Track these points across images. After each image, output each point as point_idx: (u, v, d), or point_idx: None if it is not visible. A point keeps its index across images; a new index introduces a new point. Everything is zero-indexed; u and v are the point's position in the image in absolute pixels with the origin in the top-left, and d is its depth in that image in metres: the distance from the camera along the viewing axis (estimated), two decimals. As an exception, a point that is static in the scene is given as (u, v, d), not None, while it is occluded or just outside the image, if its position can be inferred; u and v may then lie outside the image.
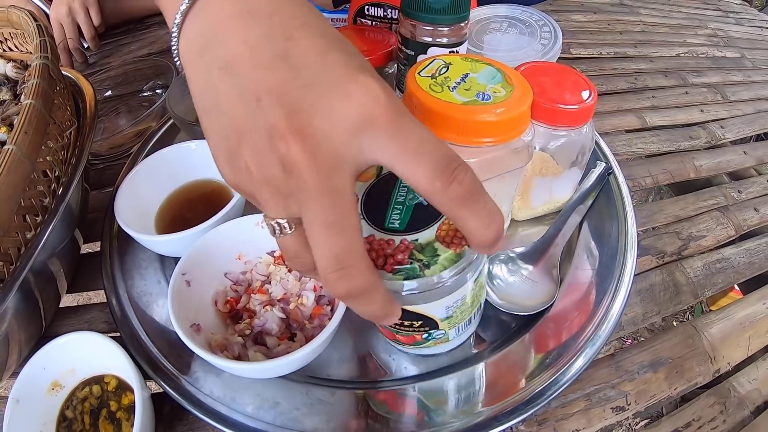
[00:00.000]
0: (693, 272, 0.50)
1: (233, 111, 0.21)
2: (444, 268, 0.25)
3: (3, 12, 0.54)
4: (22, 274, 0.34)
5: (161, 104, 0.60)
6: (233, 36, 0.21)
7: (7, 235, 0.34)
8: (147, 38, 0.95)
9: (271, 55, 0.21)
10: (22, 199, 0.35)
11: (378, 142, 0.20)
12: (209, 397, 0.34)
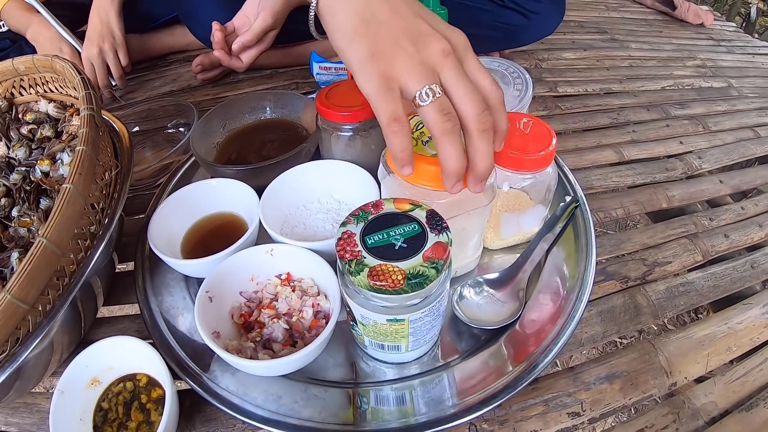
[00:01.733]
0: (655, 295, 0.57)
1: (392, 21, 0.38)
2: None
3: (47, 60, 0.64)
4: (76, 289, 0.43)
5: (185, 142, 0.69)
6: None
7: (65, 256, 0.42)
8: (169, 75, 1.06)
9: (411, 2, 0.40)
10: (76, 227, 0.44)
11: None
12: (225, 391, 0.42)
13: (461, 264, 0.51)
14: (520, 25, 0.89)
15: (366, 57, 0.37)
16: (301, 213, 0.56)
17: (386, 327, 0.37)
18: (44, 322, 0.41)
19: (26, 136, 0.62)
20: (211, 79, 1.01)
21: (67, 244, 0.42)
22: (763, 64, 1.30)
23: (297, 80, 0.99)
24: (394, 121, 0.36)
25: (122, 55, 0.97)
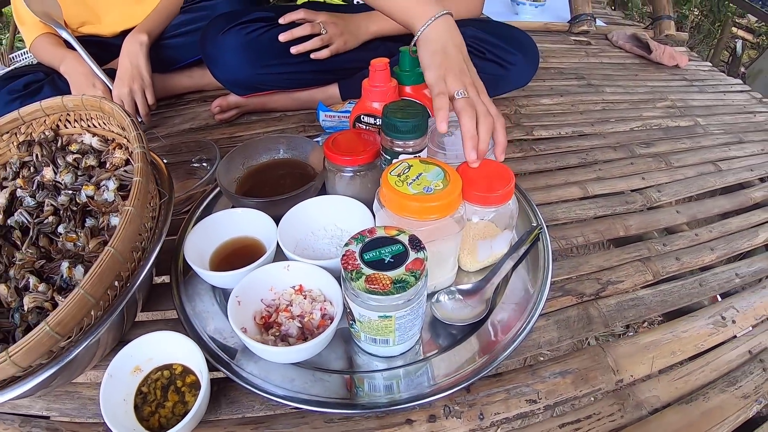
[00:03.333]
0: (606, 308, 0.70)
1: (455, 56, 0.68)
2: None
3: (96, 101, 0.76)
4: (131, 291, 0.56)
5: (209, 176, 0.83)
6: (457, 38, 0.71)
7: (125, 264, 0.55)
8: (187, 114, 1.21)
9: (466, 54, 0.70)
10: (134, 242, 0.57)
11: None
12: (250, 375, 0.56)
13: (439, 281, 0.65)
14: (499, 75, 1.05)
15: (437, 66, 0.68)
16: (310, 238, 0.70)
17: (378, 322, 0.50)
18: (104, 316, 0.54)
19: (72, 164, 0.75)
20: (227, 120, 1.16)
21: (127, 254, 0.55)
22: (734, 101, 1.46)
23: (304, 123, 1.14)
24: (441, 93, 0.65)
25: (149, 95, 1.11)
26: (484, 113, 0.64)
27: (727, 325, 0.70)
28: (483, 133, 0.63)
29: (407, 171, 0.57)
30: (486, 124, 0.63)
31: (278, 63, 1.02)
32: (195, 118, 1.19)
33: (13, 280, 0.63)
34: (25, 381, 0.49)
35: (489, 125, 0.64)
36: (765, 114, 1.39)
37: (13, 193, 0.73)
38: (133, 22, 1.28)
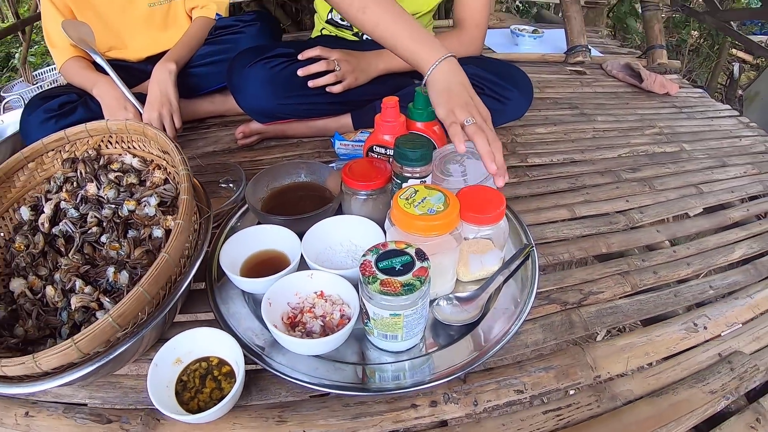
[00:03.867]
0: (587, 315, 0.82)
1: (460, 92, 0.81)
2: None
3: (140, 126, 0.86)
4: (178, 293, 0.67)
5: (237, 196, 0.95)
6: (461, 76, 0.84)
7: (175, 268, 0.67)
8: (210, 137, 1.35)
9: (471, 89, 0.83)
10: (182, 250, 0.69)
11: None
12: (279, 364, 0.67)
13: (440, 289, 0.76)
14: (496, 109, 1.17)
15: (445, 103, 0.81)
16: (329, 251, 0.82)
17: (389, 320, 0.62)
18: (156, 312, 0.65)
19: (114, 181, 0.86)
20: (249, 144, 1.30)
21: (177, 260, 0.67)
22: (721, 126, 1.59)
23: (319, 150, 1.27)
24: (453, 123, 0.78)
25: (177, 119, 1.24)
26: (493, 137, 0.77)
27: (699, 331, 0.81)
28: (497, 151, 0.76)
29: (414, 195, 0.69)
30: (498, 143, 0.77)
31: (297, 95, 1.15)
32: (218, 142, 1.33)
33: (59, 283, 0.75)
34: (83, 366, 0.59)
35: (500, 144, 0.77)
36: (751, 138, 1.52)
37: (58, 205, 0.85)
38: (157, 49, 1.43)
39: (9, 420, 0.68)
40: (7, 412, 0.68)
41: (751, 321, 0.85)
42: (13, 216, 0.87)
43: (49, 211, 0.83)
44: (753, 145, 1.49)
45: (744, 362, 0.75)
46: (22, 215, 0.85)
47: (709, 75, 3.77)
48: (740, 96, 3.52)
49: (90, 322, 0.69)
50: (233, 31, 1.41)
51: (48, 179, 0.90)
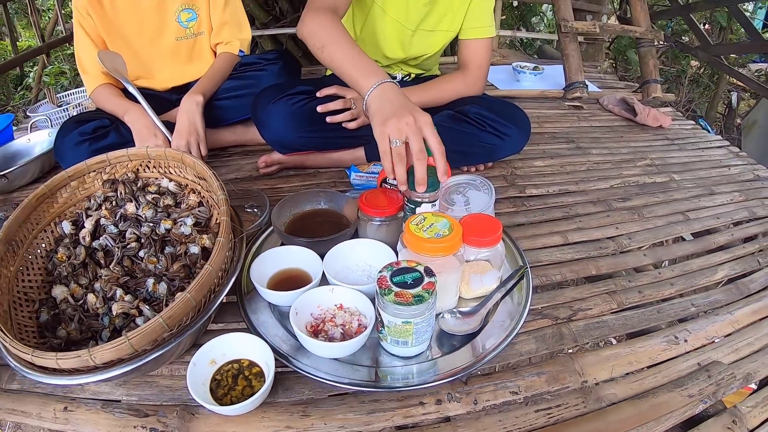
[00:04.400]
0: (575, 328, 0.93)
1: (392, 109, 0.90)
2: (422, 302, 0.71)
3: (178, 154, 0.99)
4: (219, 299, 0.79)
5: (262, 220, 1.08)
6: (392, 95, 0.94)
7: (216, 278, 0.79)
8: (232, 165, 1.48)
9: (411, 106, 0.91)
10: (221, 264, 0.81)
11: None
12: (303, 365, 0.79)
13: (445, 304, 0.88)
14: (496, 144, 1.33)
15: (379, 122, 0.90)
16: (347, 270, 0.94)
17: (401, 327, 0.74)
18: (198, 318, 0.76)
19: (151, 202, 0.98)
20: (269, 173, 1.44)
21: (217, 273, 0.79)
22: (711, 156, 1.72)
23: (334, 179, 1.41)
24: (385, 152, 0.88)
25: (203, 147, 1.38)
26: (416, 153, 0.86)
27: (680, 343, 0.92)
28: (419, 172, 0.87)
29: (423, 221, 0.82)
30: (419, 162, 0.87)
31: (316, 129, 1.30)
32: (239, 170, 1.46)
33: (100, 291, 0.86)
34: (132, 362, 0.70)
35: (422, 162, 0.87)
36: (739, 167, 1.66)
37: (98, 221, 0.97)
38: (182, 80, 1.59)
39: (48, 414, 0.78)
40: (45, 407, 0.79)
41: (730, 335, 0.96)
42: (54, 229, 0.99)
43: (89, 226, 0.95)
44: (741, 173, 1.62)
45: (721, 371, 0.86)
46: (64, 229, 0.97)
47: (709, 104, 3.91)
48: (739, 124, 3.66)
49: (130, 328, 0.81)
50: (257, 68, 1.56)
51: (88, 197, 1.03)
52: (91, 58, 1.45)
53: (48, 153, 1.53)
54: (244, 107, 1.49)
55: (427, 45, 1.45)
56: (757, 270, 1.16)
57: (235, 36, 1.56)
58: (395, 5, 1.35)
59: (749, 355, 0.92)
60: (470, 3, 1.38)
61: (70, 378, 0.70)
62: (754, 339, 0.95)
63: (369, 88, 0.96)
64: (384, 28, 1.40)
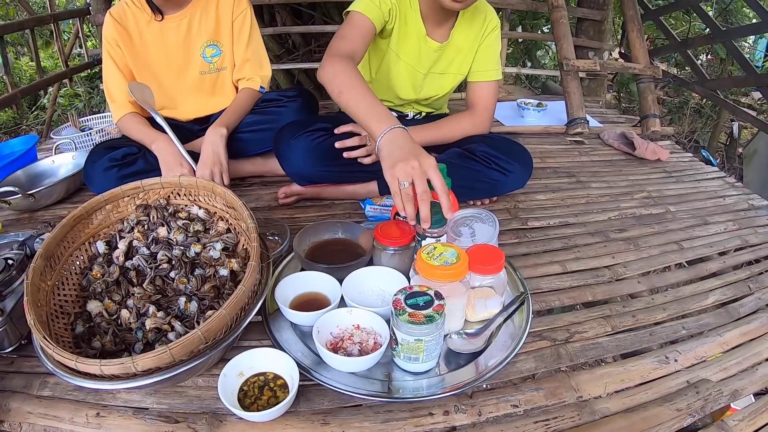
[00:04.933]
0: (572, 349, 1.03)
1: (401, 154, 1.00)
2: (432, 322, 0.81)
3: (209, 184, 1.11)
4: (250, 315, 0.89)
5: (283, 247, 1.19)
6: (401, 140, 1.03)
7: (245, 300, 0.89)
8: (252, 195, 1.60)
9: (418, 151, 1.00)
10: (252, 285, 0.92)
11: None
12: (324, 377, 0.89)
13: (452, 326, 0.99)
14: (500, 180, 1.45)
15: (389, 166, 0.99)
16: (362, 294, 1.05)
17: (413, 344, 0.85)
18: (230, 333, 0.87)
19: (182, 227, 1.09)
20: (288, 204, 1.56)
21: (250, 293, 0.90)
22: (707, 187, 1.84)
23: (349, 211, 1.53)
24: (395, 193, 0.99)
25: (225, 177, 1.49)
26: (420, 194, 0.97)
27: (670, 363, 1.01)
28: (423, 211, 0.97)
29: (434, 251, 0.93)
30: (424, 203, 0.97)
31: (333, 163, 1.42)
32: (259, 199, 1.58)
33: (133, 308, 0.96)
34: (170, 370, 0.79)
35: (426, 203, 0.97)
36: (734, 197, 1.77)
37: (131, 243, 1.07)
38: (205, 112, 1.73)
39: (80, 419, 0.87)
40: (78, 413, 0.88)
41: (719, 356, 1.05)
42: (89, 248, 1.09)
43: (123, 247, 1.06)
44: (736, 203, 1.73)
45: (709, 387, 0.96)
46: (98, 248, 1.08)
47: (711, 135, 4.03)
48: (740, 154, 3.77)
49: (162, 342, 0.91)
50: (278, 105, 1.68)
51: (122, 220, 1.13)
52: (119, 87, 1.58)
53: (73, 176, 1.66)
54: (265, 141, 1.61)
55: (437, 87, 1.60)
56: (747, 295, 1.25)
57: (256, 72, 1.69)
58: (408, 51, 1.50)
59: (737, 374, 1.01)
60: (478, 49, 1.53)
61: (111, 383, 0.79)
62: (743, 359, 1.04)
63: (380, 133, 1.06)
64: (398, 71, 1.55)
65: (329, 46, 1.32)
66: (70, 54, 3.76)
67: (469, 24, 1.52)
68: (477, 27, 1.53)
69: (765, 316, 1.17)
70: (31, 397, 0.92)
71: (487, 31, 1.54)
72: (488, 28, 1.54)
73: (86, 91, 4.54)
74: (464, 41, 1.54)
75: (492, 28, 1.54)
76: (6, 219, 1.57)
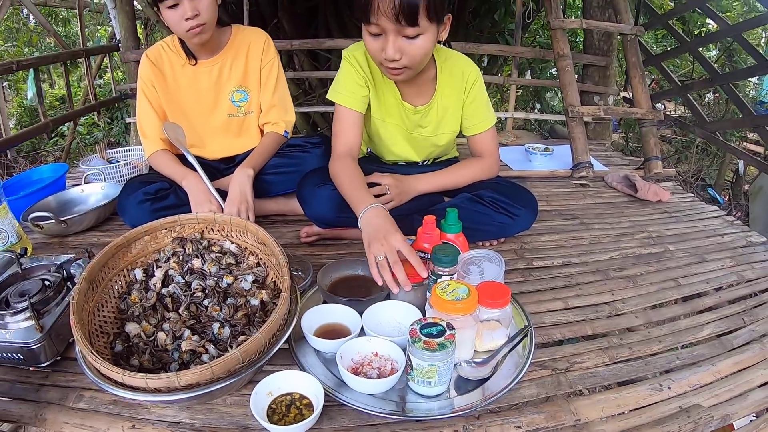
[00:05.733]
0: (571, 377, 1.14)
1: (374, 233, 1.23)
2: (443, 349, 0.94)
3: (242, 222, 1.25)
4: (279, 343, 1.02)
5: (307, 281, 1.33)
6: (374, 219, 1.27)
7: (277, 327, 1.02)
8: (275, 232, 1.74)
9: (387, 229, 1.22)
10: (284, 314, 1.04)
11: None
12: (346, 397, 1.02)
13: (462, 355, 1.11)
14: (507, 223, 1.59)
15: (366, 245, 1.23)
16: (380, 325, 1.18)
17: (427, 369, 0.97)
18: (264, 355, 0.98)
19: (215, 260, 1.22)
20: (310, 243, 1.71)
21: (281, 321, 1.02)
22: (706, 226, 1.96)
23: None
24: (371, 264, 1.20)
25: (251, 215, 1.63)
26: (393, 263, 1.17)
27: (663, 390, 1.12)
28: (400, 277, 1.16)
29: (447, 287, 1.07)
30: (398, 271, 1.17)
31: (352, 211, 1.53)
32: (281, 237, 1.73)
33: (169, 331, 1.07)
34: (209, 385, 0.90)
35: (399, 270, 1.17)
36: (733, 234, 1.89)
37: (167, 271, 1.20)
38: (231, 152, 1.90)
39: (116, 430, 0.98)
40: (114, 425, 0.99)
41: (712, 383, 1.15)
42: (127, 275, 1.22)
43: (160, 275, 1.19)
44: (734, 240, 1.85)
45: (700, 412, 1.06)
46: (136, 275, 1.20)
47: (717, 172, 4.15)
48: (746, 191, 3.89)
49: (197, 363, 1.02)
50: (302, 150, 1.83)
51: (158, 250, 1.27)
52: (152, 125, 1.74)
53: (104, 206, 1.82)
54: (288, 182, 1.77)
55: (432, 144, 1.73)
56: (741, 327, 1.36)
57: (281, 117, 1.85)
58: (390, 113, 1.64)
59: (729, 399, 1.10)
60: (463, 106, 1.64)
61: (154, 396, 0.89)
62: (734, 386, 1.14)
63: (359, 213, 1.32)
64: (387, 132, 1.69)
65: (332, 145, 1.60)
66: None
67: (449, 83, 1.60)
68: (457, 85, 1.60)
69: (758, 346, 1.27)
70: (66, 409, 1.04)
71: (469, 85, 1.61)
72: (469, 82, 1.61)
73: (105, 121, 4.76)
74: (448, 100, 1.62)
75: (473, 81, 1.61)
76: (36, 242, 1.71)
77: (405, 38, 1.30)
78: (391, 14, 1.23)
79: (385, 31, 1.28)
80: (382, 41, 1.31)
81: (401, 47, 1.31)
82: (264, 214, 1.86)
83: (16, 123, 5.31)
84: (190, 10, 1.52)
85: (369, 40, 1.35)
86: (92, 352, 0.92)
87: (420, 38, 1.30)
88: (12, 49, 5.84)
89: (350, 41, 3.04)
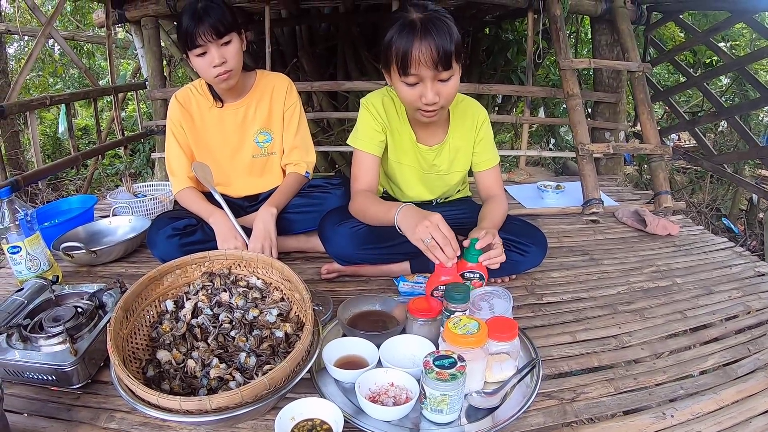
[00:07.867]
0: (577, 407, 1.22)
1: (413, 221, 1.38)
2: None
3: (269, 259, 1.36)
4: (302, 372, 1.12)
5: (327, 316, 1.43)
6: (409, 212, 1.43)
7: (301, 357, 1.12)
8: (296, 268, 1.77)
9: (423, 214, 1.38)
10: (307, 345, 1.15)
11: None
12: (364, 424, 1.11)
13: (473, 386, 1.20)
14: (518, 260, 1.70)
15: (410, 234, 1.38)
16: (396, 358, 1.27)
17: (439, 398, 1.07)
18: (289, 382, 1.08)
19: (242, 294, 1.33)
20: (330, 279, 1.82)
21: (305, 351, 1.12)
22: (714, 258, 2.03)
23: (383, 286, 1.78)
24: (425, 250, 1.33)
25: (274, 252, 1.75)
26: (441, 241, 1.30)
27: (667, 418, 1.19)
28: (449, 252, 1.30)
29: (459, 322, 1.17)
30: (447, 246, 1.30)
31: (371, 247, 1.68)
32: (302, 273, 1.83)
33: (198, 359, 1.17)
34: (238, 409, 0.99)
35: (448, 245, 1.30)
36: (741, 265, 1.96)
37: (196, 304, 1.31)
38: (254, 191, 2.03)
39: None
40: None
41: (715, 411, 1.21)
42: (159, 305, 1.33)
43: (189, 306, 1.30)
44: (743, 271, 1.91)
45: None
46: (167, 306, 1.32)
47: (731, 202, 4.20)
48: (761, 220, 3.93)
49: (224, 389, 1.12)
50: (323, 191, 1.96)
51: (188, 284, 1.38)
52: (180, 163, 1.88)
53: (132, 238, 1.95)
54: (309, 221, 1.89)
55: (445, 184, 1.87)
56: (746, 357, 1.42)
57: (303, 158, 1.99)
58: (406, 154, 1.78)
59: (731, 426, 1.16)
60: (474, 145, 1.79)
61: (185, 417, 0.98)
62: (737, 413, 1.20)
63: (394, 215, 1.44)
64: (403, 174, 1.83)
65: (351, 186, 1.74)
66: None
67: (461, 124, 1.75)
68: (468, 125, 1.76)
69: (762, 374, 1.33)
70: (98, 429, 1.14)
71: (478, 125, 1.76)
72: (478, 122, 1.76)
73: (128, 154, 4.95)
74: (460, 140, 1.76)
75: (482, 121, 1.77)
76: (64, 270, 1.82)
77: (440, 81, 1.45)
78: (430, 63, 1.39)
79: (422, 78, 1.44)
80: (420, 88, 1.46)
81: (438, 90, 1.46)
82: (286, 250, 1.97)
83: (41, 152, 5.51)
84: (218, 58, 1.67)
85: (405, 90, 1.49)
86: (129, 375, 1.02)
87: (452, 79, 1.47)
88: (37, 78, 6.04)
89: (367, 82, 3.24)
